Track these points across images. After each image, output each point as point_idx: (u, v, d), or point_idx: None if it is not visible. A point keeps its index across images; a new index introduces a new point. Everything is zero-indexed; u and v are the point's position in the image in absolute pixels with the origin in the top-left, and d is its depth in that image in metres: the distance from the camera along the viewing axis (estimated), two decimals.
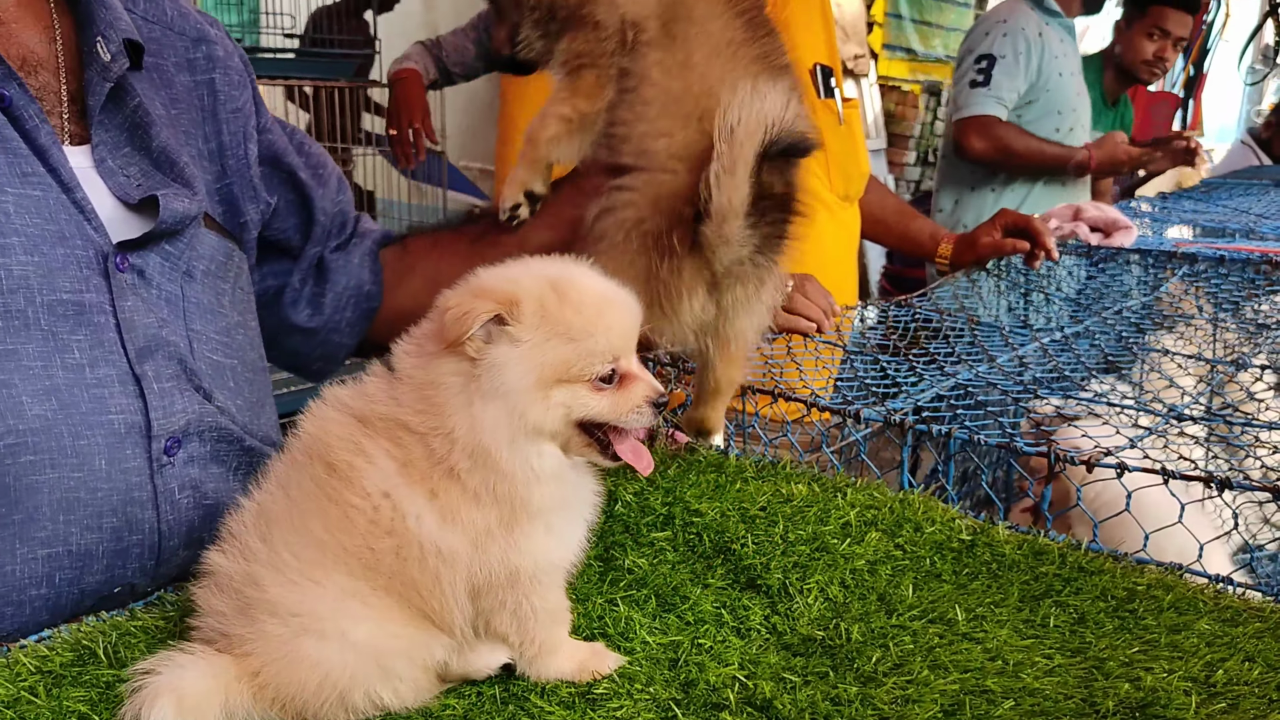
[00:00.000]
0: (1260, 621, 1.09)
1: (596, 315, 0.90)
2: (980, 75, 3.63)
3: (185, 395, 1.18)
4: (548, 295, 0.89)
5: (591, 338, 0.89)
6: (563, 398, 0.89)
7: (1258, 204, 3.80)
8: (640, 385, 0.92)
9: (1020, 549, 1.23)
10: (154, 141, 1.22)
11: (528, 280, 0.90)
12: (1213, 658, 1.02)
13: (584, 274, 0.94)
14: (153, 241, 1.18)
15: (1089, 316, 2.38)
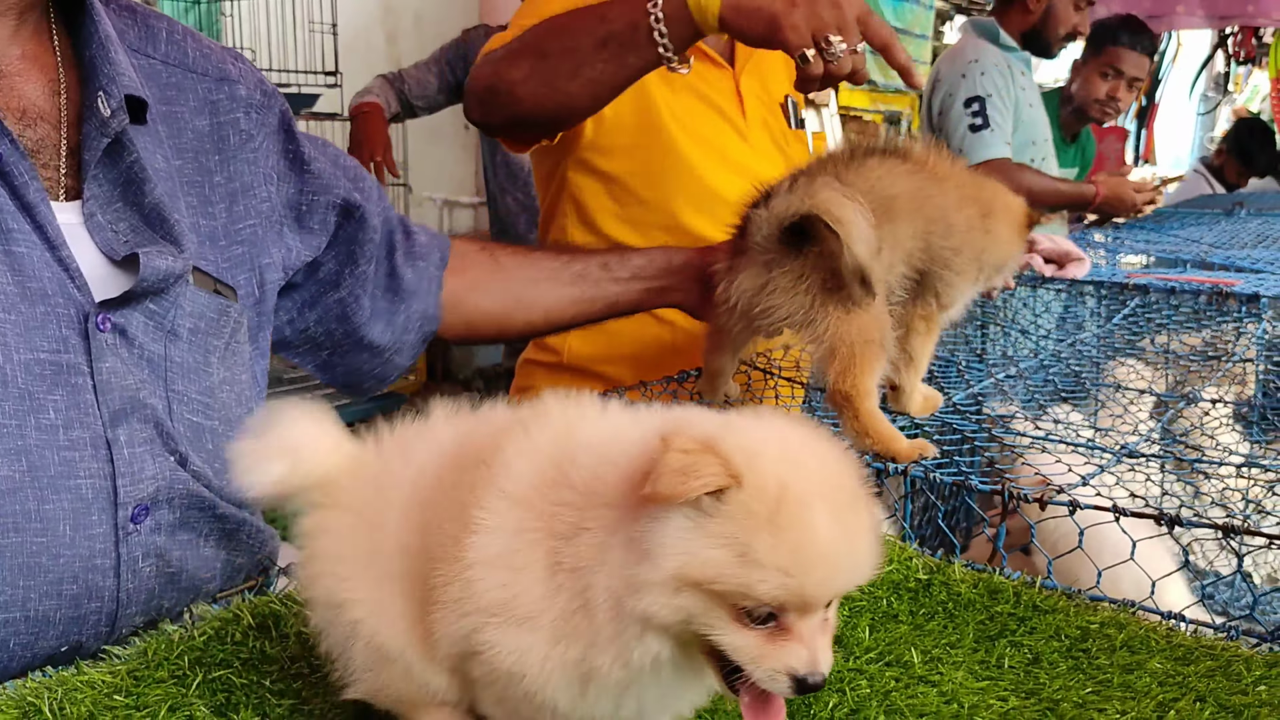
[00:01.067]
0: (1212, 660, 1.10)
1: (795, 557, 0.70)
2: (978, 119, 3.62)
3: (158, 460, 1.16)
4: (768, 493, 0.71)
5: (769, 579, 0.70)
6: (690, 604, 0.71)
7: (1209, 233, 3.87)
8: (795, 649, 0.72)
9: (976, 587, 1.24)
10: (147, 198, 1.19)
11: (767, 458, 0.72)
12: (1165, 698, 1.03)
13: (833, 486, 0.74)
14: (136, 300, 1.16)
15: (1044, 349, 2.41)
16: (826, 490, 0.73)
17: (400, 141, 3.92)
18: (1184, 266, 3.18)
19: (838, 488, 0.74)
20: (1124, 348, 2.43)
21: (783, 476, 0.72)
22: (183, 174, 1.26)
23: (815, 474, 0.74)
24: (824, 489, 0.73)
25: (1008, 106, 3.62)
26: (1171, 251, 3.43)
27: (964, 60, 3.71)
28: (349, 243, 1.46)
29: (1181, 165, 8.53)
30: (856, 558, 0.74)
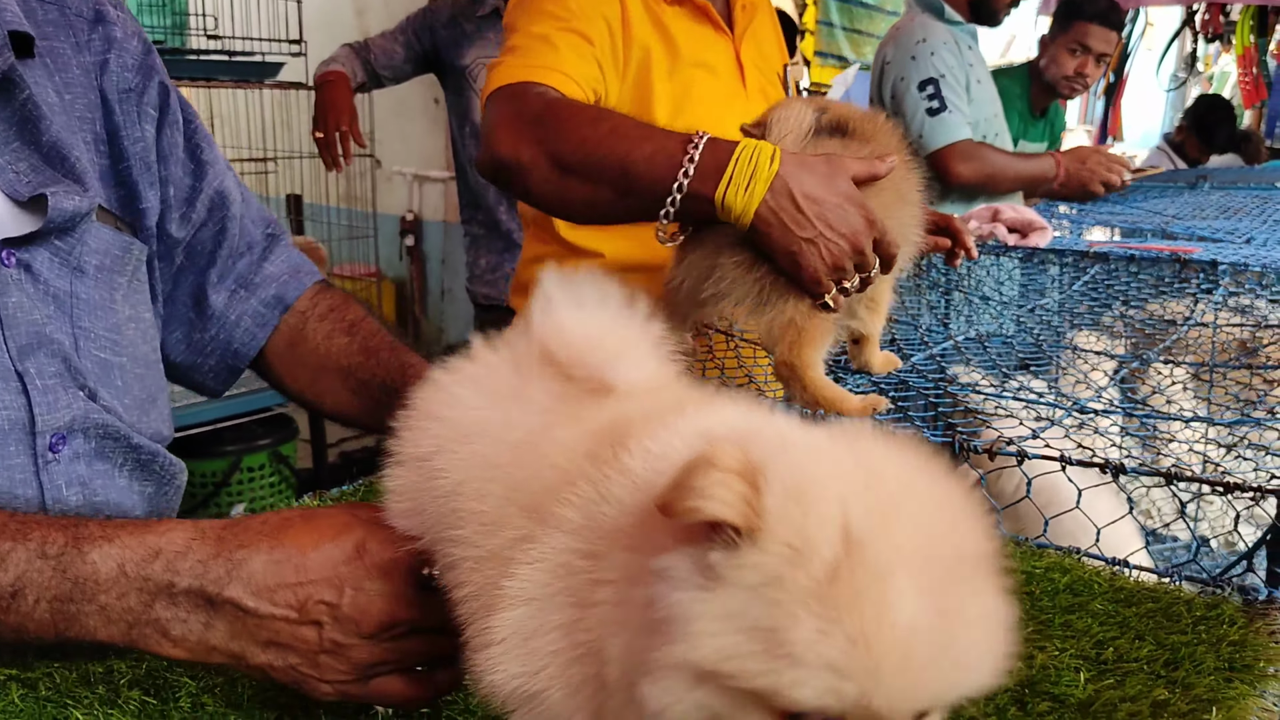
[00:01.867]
0: (1153, 602, 1.13)
1: (870, 646, 0.50)
2: (934, 101, 3.58)
3: (69, 392, 1.16)
4: (816, 549, 0.51)
5: (819, 676, 0.50)
6: (714, 703, 0.52)
7: (1171, 206, 3.90)
8: None
9: None
10: (44, 135, 1.18)
11: (831, 500, 0.52)
12: (1104, 636, 1.05)
13: (935, 549, 0.53)
14: (42, 238, 1.15)
15: (1006, 315, 2.43)
16: (922, 554, 0.52)
17: (367, 115, 3.89)
18: (1146, 236, 3.21)
19: (941, 552, 0.53)
20: (1084, 314, 2.46)
21: (853, 528, 0.51)
22: (73, 109, 1.24)
23: (909, 529, 0.53)
24: (918, 552, 0.52)
25: (960, 84, 3.61)
26: (1134, 223, 3.46)
27: (911, 41, 3.66)
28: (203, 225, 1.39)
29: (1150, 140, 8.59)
30: (961, 655, 0.53)
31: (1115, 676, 0.97)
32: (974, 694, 0.54)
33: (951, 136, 3.54)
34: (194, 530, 0.89)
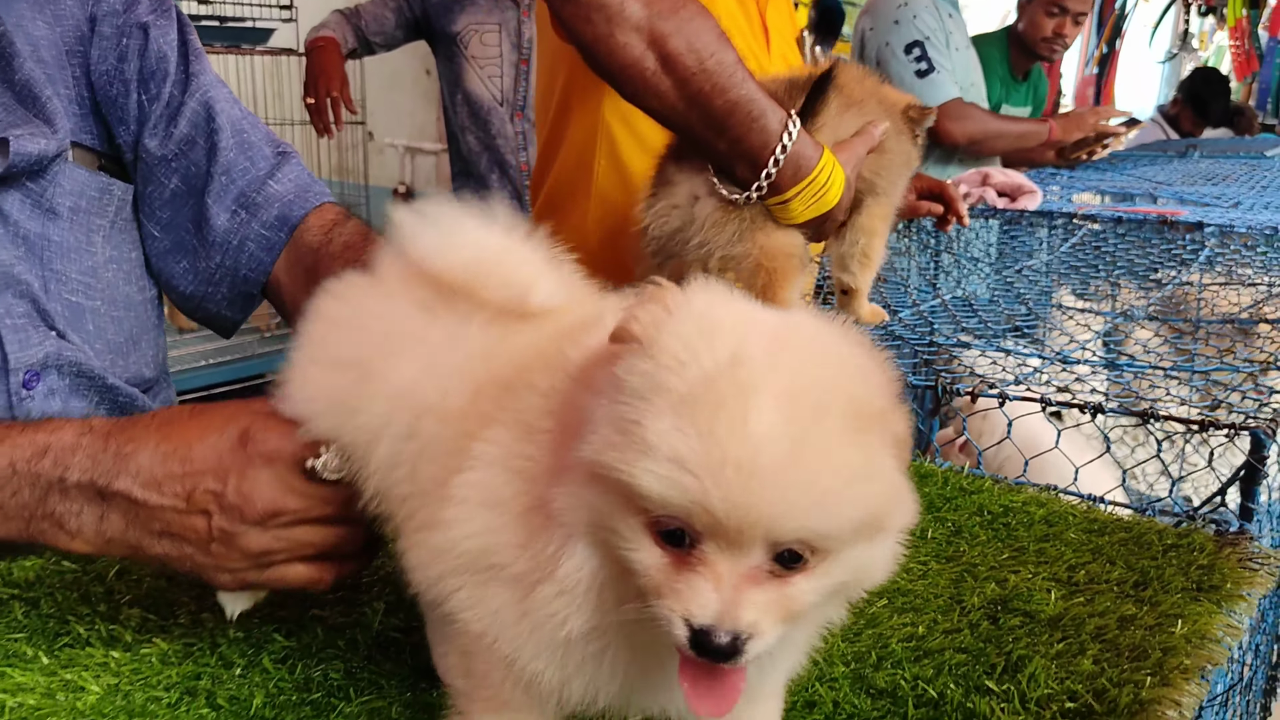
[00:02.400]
0: (1125, 532, 1.15)
1: (717, 446, 0.53)
2: (922, 63, 3.59)
3: (39, 331, 1.16)
4: (695, 364, 0.55)
5: (664, 466, 0.54)
6: (598, 502, 0.58)
7: (1160, 173, 3.93)
8: (702, 589, 0.55)
9: None
10: (17, 74, 1.17)
11: (727, 333, 0.57)
12: (1076, 561, 1.08)
13: (819, 389, 0.56)
14: (11, 180, 1.15)
15: (994, 276, 2.45)
16: (801, 392, 0.55)
17: (359, 86, 3.88)
18: (1134, 201, 3.24)
19: (823, 398, 0.55)
20: (1071, 274, 2.48)
21: (738, 354, 0.55)
22: (64, 41, 1.24)
23: (797, 369, 0.56)
24: (797, 389, 0.55)
25: (944, 46, 3.62)
26: (1123, 188, 3.48)
27: (892, 6, 3.66)
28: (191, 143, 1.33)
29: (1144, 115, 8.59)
30: (813, 489, 0.54)
31: (1085, 596, 1.00)
32: (821, 534, 0.55)
33: (941, 97, 3.56)
34: (83, 427, 0.89)
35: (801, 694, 0.85)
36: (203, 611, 0.95)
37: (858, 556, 0.58)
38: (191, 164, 1.31)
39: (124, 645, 0.89)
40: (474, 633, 0.67)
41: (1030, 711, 0.81)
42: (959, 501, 1.22)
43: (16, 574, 0.98)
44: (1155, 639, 0.90)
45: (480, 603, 0.66)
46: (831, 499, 0.54)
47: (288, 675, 0.87)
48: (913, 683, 0.86)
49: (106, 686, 0.83)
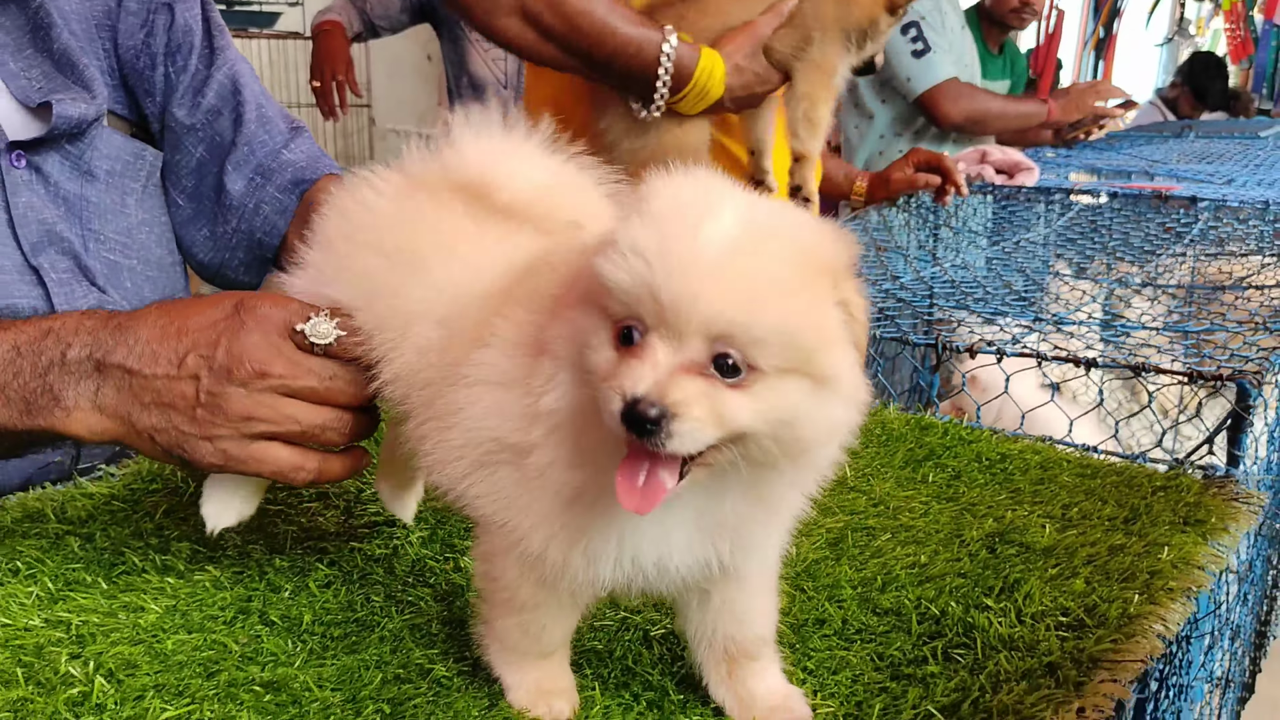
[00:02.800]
0: (1117, 475, 1.21)
1: (669, 244, 0.61)
2: (918, 43, 3.62)
3: (83, 285, 1.22)
4: (664, 196, 0.65)
5: (627, 258, 0.62)
6: (583, 321, 0.66)
7: (1156, 152, 3.98)
8: (639, 366, 0.61)
9: (908, 424, 1.35)
10: (55, 44, 1.23)
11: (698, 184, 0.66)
12: (1070, 500, 1.14)
13: (761, 229, 0.63)
14: (52, 142, 1.21)
15: (992, 248, 2.51)
16: (761, 222, 0.63)
17: (363, 71, 3.92)
18: (1130, 178, 3.29)
19: (766, 232, 0.63)
20: (1067, 246, 2.54)
21: (699, 193, 0.65)
22: (92, 14, 1.30)
23: (763, 210, 0.65)
24: (758, 218, 0.63)
25: (941, 26, 3.66)
26: (1119, 166, 3.53)
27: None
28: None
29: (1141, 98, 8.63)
30: (749, 283, 0.61)
31: (1078, 529, 1.06)
32: (749, 331, 0.60)
33: (938, 77, 3.60)
34: (87, 313, 0.94)
35: (812, 612, 0.91)
36: (249, 545, 1.01)
37: (793, 395, 0.63)
38: (216, 134, 1.37)
39: (177, 573, 0.95)
40: (488, 523, 0.73)
41: (1025, 624, 0.87)
42: (958, 450, 1.28)
43: (70, 512, 1.04)
44: (1143, 564, 0.96)
45: (492, 488, 0.72)
46: (761, 302, 0.60)
47: (332, 598, 0.92)
48: (916, 602, 0.92)
49: (164, 607, 0.89)
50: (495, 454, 0.72)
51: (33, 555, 0.95)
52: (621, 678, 0.83)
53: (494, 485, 0.73)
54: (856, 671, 0.83)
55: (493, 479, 0.73)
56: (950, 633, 0.87)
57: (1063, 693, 0.75)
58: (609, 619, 0.91)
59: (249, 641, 0.85)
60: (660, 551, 0.70)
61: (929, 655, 0.84)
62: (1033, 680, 0.78)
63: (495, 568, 0.76)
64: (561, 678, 0.79)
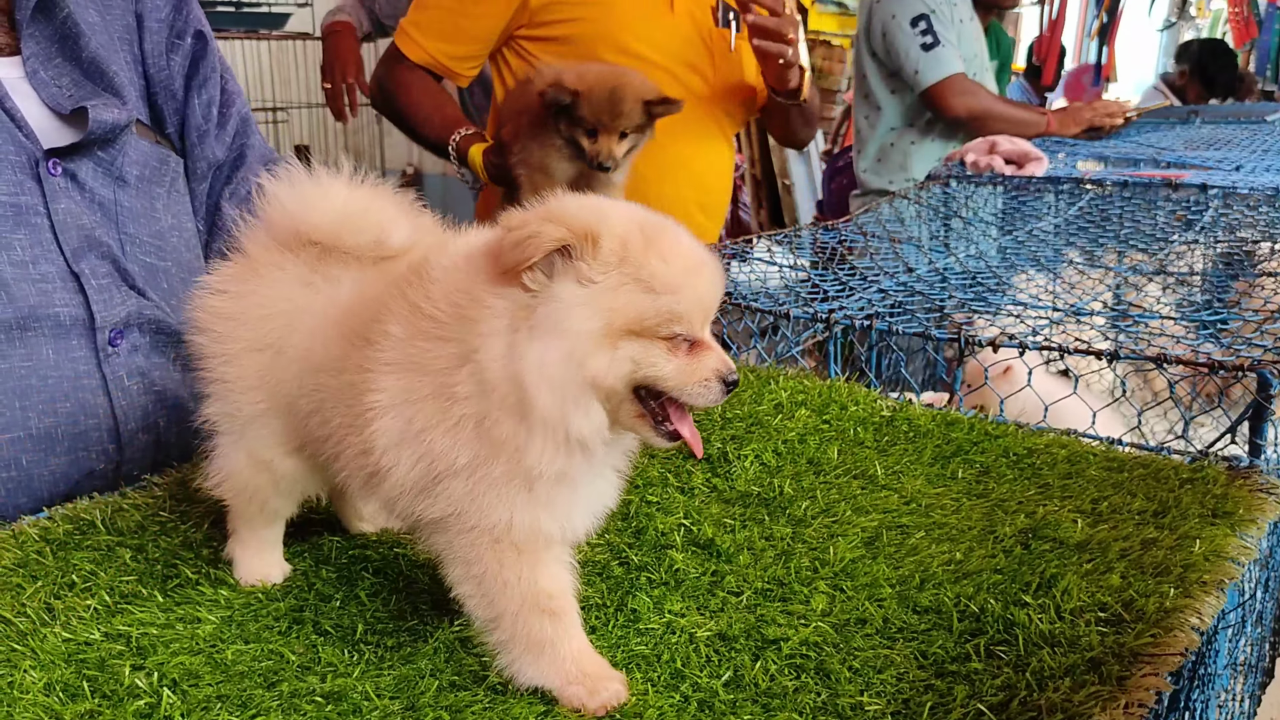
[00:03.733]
0: (1144, 469, 1.23)
1: (685, 272, 0.78)
2: (928, 36, 3.62)
3: (122, 291, 1.25)
4: (634, 237, 0.78)
5: (675, 295, 0.77)
6: (632, 351, 0.77)
7: (1164, 139, 3.98)
8: (712, 357, 0.80)
9: (934, 420, 1.36)
10: (84, 52, 1.26)
11: (615, 217, 0.79)
12: (1099, 494, 1.16)
13: (677, 228, 0.82)
14: (85, 148, 1.24)
15: (1005, 238, 2.52)
16: (672, 224, 0.81)
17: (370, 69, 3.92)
18: (1139, 166, 3.30)
19: (680, 228, 0.82)
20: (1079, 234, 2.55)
21: (635, 219, 0.79)
22: (113, 30, 1.33)
23: (655, 217, 0.82)
24: (671, 224, 0.81)
25: (951, 20, 3.66)
26: (1127, 154, 3.54)
27: None
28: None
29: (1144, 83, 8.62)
30: (719, 269, 0.82)
31: (1110, 524, 1.07)
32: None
33: (946, 71, 3.61)
34: None
35: (853, 612, 0.93)
36: (295, 556, 1.03)
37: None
38: (225, 165, 1.47)
39: (229, 585, 0.97)
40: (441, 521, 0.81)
41: (1065, 620, 0.88)
42: (985, 445, 1.29)
43: (119, 523, 1.06)
44: (1176, 557, 0.97)
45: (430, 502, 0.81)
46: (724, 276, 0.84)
47: (381, 607, 0.94)
48: (955, 600, 0.94)
49: (220, 618, 0.91)
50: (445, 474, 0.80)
51: (86, 568, 0.97)
52: (671, 680, 0.85)
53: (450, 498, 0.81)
54: (901, 670, 0.85)
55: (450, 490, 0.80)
56: (991, 630, 0.89)
57: (1107, 689, 0.77)
58: (654, 623, 0.92)
59: (305, 651, 0.87)
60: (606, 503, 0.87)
61: (971, 653, 0.86)
62: (1076, 676, 0.79)
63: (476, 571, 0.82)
64: (590, 659, 0.83)
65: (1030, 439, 1.31)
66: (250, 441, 0.94)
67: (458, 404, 0.77)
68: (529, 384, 0.76)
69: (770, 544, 1.06)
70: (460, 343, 0.77)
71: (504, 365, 0.76)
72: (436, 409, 0.78)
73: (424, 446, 0.79)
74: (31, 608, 0.90)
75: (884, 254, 2.19)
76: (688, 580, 1.00)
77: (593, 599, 0.97)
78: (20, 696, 0.78)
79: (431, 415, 0.78)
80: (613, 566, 1.03)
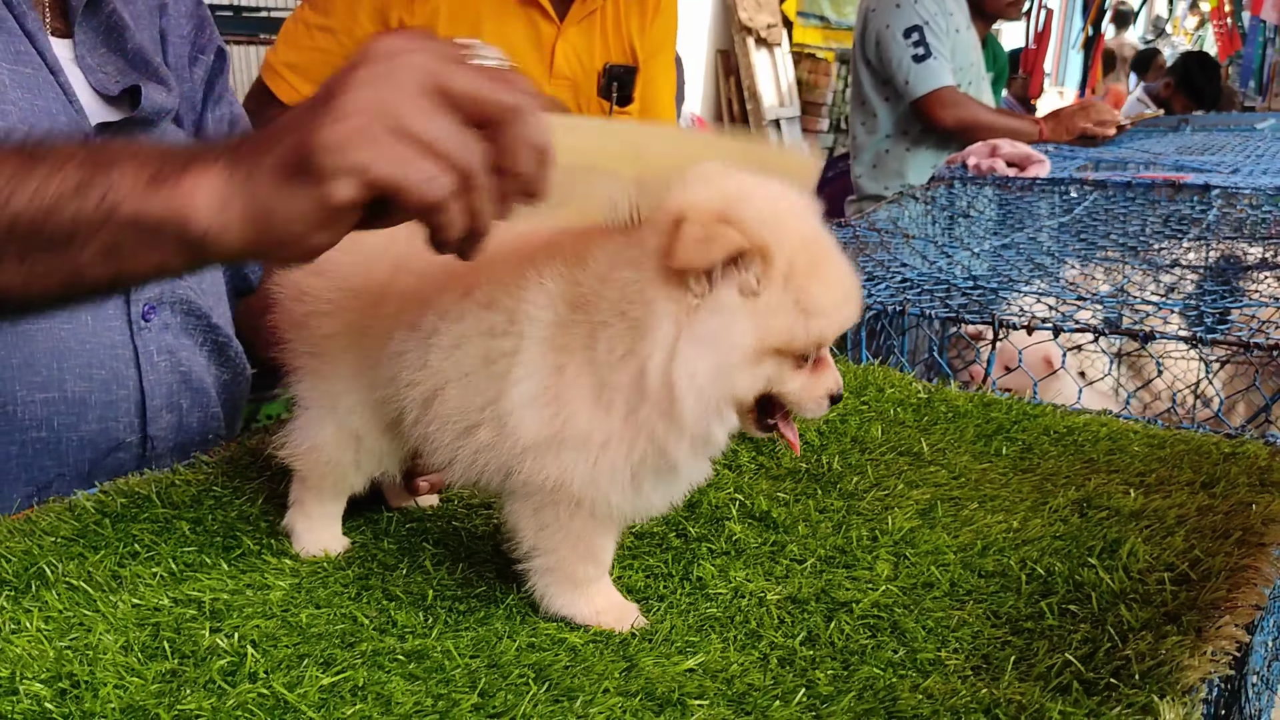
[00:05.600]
0: (1185, 445, 1.24)
1: (842, 297, 0.80)
2: (920, 48, 3.66)
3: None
4: (801, 256, 0.78)
5: (827, 318, 0.79)
6: (770, 370, 0.80)
7: (1157, 145, 4.03)
8: (829, 374, 0.83)
9: (971, 401, 1.37)
10: (129, 44, 1.28)
11: (789, 230, 0.78)
12: (1145, 469, 1.17)
13: (836, 248, 0.82)
14: (128, 130, 1.25)
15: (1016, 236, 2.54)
16: (830, 239, 0.82)
17: None
18: (1137, 168, 3.33)
19: (826, 233, 0.82)
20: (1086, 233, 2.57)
21: (805, 234, 0.79)
22: (144, 30, 1.34)
23: (821, 232, 0.82)
24: (825, 235, 0.82)
25: (943, 31, 3.70)
26: (1121, 158, 3.58)
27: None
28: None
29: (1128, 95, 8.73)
30: (862, 295, 0.84)
31: (1161, 493, 1.08)
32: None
33: (936, 83, 3.65)
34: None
35: (919, 576, 0.94)
36: (353, 531, 1.02)
37: None
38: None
39: (292, 555, 0.97)
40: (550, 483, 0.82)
41: (1135, 579, 0.89)
42: (1025, 424, 1.30)
43: (175, 496, 1.05)
44: (1234, 522, 0.98)
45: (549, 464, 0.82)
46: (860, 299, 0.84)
47: (447, 575, 0.94)
48: (1020, 563, 0.94)
49: (289, 585, 0.90)
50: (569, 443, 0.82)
51: (147, 539, 0.97)
52: (747, 640, 0.85)
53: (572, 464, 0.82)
54: (976, 629, 0.85)
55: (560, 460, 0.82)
56: (1061, 590, 0.89)
57: (1190, 638, 0.77)
58: (722, 589, 0.92)
59: (378, 615, 0.86)
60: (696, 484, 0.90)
61: (1046, 610, 0.86)
62: (1156, 629, 0.80)
63: (545, 517, 0.85)
64: (617, 595, 0.90)
65: (1069, 418, 1.32)
66: (341, 414, 0.94)
67: (610, 388, 0.79)
68: (680, 392, 0.77)
69: (825, 516, 1.07)
70: (621, 332, 0.78)
71: (662, 368, 0.77)
72: (583, 384, 0.80)
73: (561, 413, 0.80)
74: (98, 575, 0.89)
75: (898, 248, 2.20)
76: (748, 550, 1.00)
77: (656, 568, 0.97)
78: (100, 657, 0.77)
79: (575, 387, 0.80)
80: (670, 538, 1.03)
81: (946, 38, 3.73)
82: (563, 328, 0.80)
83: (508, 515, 0.87)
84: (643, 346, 0.77)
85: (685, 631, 0.85)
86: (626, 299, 0.78)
